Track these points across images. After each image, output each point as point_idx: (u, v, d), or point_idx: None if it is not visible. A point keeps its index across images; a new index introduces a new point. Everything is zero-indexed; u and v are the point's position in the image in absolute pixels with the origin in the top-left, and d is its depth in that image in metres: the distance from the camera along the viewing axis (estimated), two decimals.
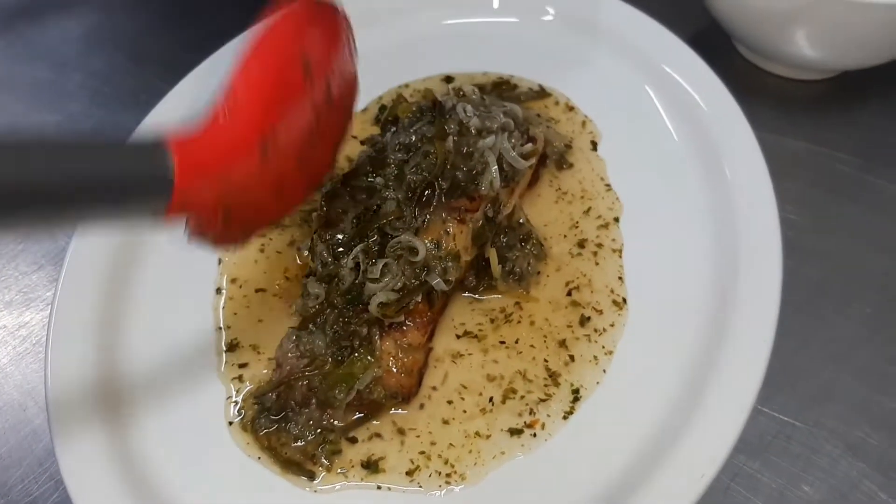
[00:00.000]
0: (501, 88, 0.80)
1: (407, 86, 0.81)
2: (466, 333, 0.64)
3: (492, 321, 0.64)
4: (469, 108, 0.65)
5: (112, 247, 0.67)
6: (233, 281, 0.68)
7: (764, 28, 0.75)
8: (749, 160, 0.67)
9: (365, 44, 0.81)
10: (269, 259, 0.69)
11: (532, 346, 0.63)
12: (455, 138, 0.62)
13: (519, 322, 0.64)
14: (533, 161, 0.65)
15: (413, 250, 0.58)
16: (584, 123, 0.77)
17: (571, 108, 0.79)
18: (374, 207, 0.60)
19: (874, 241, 0.71)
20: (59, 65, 0.91)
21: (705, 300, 0.63)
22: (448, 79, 0.82)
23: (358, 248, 0.59)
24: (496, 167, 0.62)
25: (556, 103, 0.79)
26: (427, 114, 0.65)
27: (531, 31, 0.84)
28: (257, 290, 0.67)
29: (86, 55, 0.91)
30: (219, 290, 0.67)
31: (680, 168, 0.71)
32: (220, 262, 0.69)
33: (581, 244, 0.69)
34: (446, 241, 0.60)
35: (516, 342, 0.63)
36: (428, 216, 0.60)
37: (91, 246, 0.67)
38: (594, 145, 0.75)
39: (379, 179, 0.62)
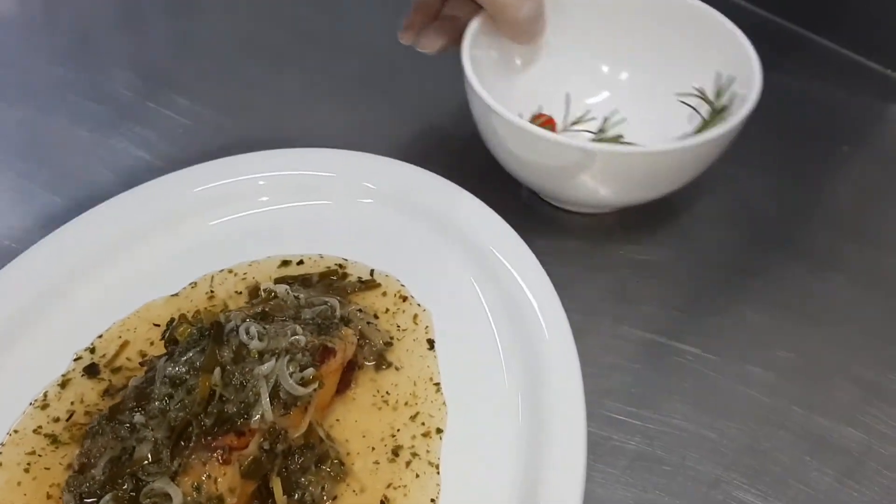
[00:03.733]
0: (331, 279, 0.76)
1: (231, 271, 0.77)
2: None
3: None
4: (253, 328, 0.60)
5: None
6: None
7: (547, 181, 0.80)
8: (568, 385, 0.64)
9: (177, 229, 0.80)
10: (35, 479, 0.62)
11: None
12: (228, 367, 0.58)
13: None
14: (314, 387, 0.61)
15: (168, 497, 0.54)
16: (416, 317, 0.74)
17: (405, 299, 0.75)
18: (132, 449, 0.56)
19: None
20: None
21: None
22: (284, 263, 0.78)
23: (107, 497, 0.54)
24: (267, 399, 0.57)
25: (384, 294, 0.76)
26: (204, 339, 0.61)
27: (353, 213, 0.82)
28: None
29: None
30: None
31: (502, 374, 0.68)
32: None
33: (395, 452, 0.64)
34: (207, 485, 0.55)
35: None
36: (186, 458, 0.55)
37: None
38: (431, 343, 0.72)
39: (138, 417, 0.57)
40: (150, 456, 0.55)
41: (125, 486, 0.54)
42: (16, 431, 0.65)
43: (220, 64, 1.07)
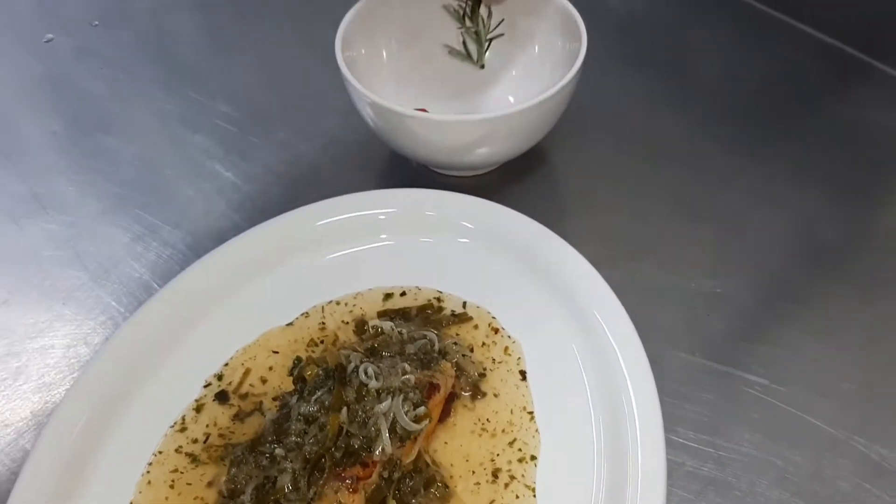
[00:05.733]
0: (427, 312, 0.84)
1: (338, 302, 0.85)
2: None
3: None
4: (370, 369, 0.69)
5: None
6: None
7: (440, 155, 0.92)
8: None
9: (294, 262, 0.88)
10: (180, 495, 0.70)
11: None
12: (352, 405, 0.67)
13: None
14: (426, 422, 0.69)
15: None
16: (507, 349, 0.81)
17: (496, 331, 0.82)
18: (274, 478, 0.64)
19: None
20: None
21: None
22: (386, 296, 0.86)
23: None
24: (387, 434, 0.66)
25: (476, 327, 0.83)
26: (329, 379, 0.69)
27: (450, 250, 0.89)
28: None
29: None
30: None
31: (588, 404, 0.75)
32: None
33: (495, 474, 0.71)
34: None
35: None
36: (321, 487, 0.64)
37: None
38: (523, 374, 0.78)
39: (279, 450, 0.66)
40: (289, 485, 0.64)
41: None
42: (160, 452, 0.74)
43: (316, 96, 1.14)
